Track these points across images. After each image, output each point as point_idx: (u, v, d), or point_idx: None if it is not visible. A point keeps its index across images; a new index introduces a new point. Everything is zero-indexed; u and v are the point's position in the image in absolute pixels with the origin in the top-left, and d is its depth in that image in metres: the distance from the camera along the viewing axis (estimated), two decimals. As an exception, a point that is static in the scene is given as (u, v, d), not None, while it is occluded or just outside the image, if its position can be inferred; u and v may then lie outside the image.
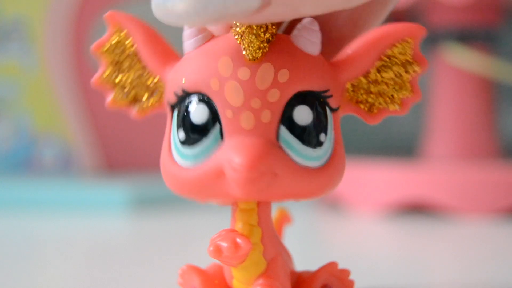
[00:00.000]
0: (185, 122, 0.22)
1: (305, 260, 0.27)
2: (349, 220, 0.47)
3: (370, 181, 0.48)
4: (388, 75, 0.23)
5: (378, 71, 0.23)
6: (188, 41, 0.23)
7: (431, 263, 0.36)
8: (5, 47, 0.57)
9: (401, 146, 0.62)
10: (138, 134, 0.61)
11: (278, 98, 0.22)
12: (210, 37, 0.23)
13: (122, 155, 0.61)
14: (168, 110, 0.23)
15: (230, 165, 0.21)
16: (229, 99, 0.22)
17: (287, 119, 0.22)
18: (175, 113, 0.23)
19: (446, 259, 0.37)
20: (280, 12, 0.20)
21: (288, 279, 0.24)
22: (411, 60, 0.23)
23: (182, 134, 0.22)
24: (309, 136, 0.22)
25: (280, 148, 0.22)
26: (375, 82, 0.23)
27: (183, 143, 0.22)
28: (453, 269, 0.34)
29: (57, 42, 0.58)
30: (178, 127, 0.22)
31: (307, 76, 0.22)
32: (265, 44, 0.22)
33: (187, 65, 0.23)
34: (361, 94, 0.23)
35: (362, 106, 0.23)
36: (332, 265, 0.24)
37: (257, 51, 0.22)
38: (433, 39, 0.51)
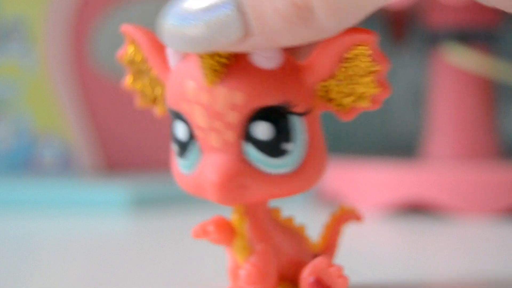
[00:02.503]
0: (174, 137, 0.24)
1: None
2: (349, 220, 0.47)
3: (370, 181, 0.48)
4: (353, 74, 0.24)
5: (343, 72, 0.24)
6: (170, 57, 0.24)
7: (431, 263, 0.36)
8: (5, 47, 0.57)
9: (401, 146, 0.62)
10: (138, 134, 0.61)
11: (236, 118, 0.23)
12: (185, 55, 0.24)
13: (122, 155, 0.61)
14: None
15: (206, 181, 0.23)
16: (197, 120, 0.23)
17: (249, 137, 0.23)
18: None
19: (446, 259, 0.37)
20: (261, 42, 0.22)
21: (275, 266, 0.25)
22: (370, 61, 0.24)
23: (175, 147, 0.25)
24: (272, 148, 0.23)
25: (247, 162, 0.23)
26: (343, 81, 0.24)
27: (177, 154, 0.25)
28: (453, 269, 0.34)
29: (57, 42, 0.58)
30: (171, 139, 0.25)
31: (263, 94, 0.23)
32: (221, 68, 0.23)
33: (168, 83, 0.25)
34: (332, 93, 0.24)
35: (333, 104, 0.25)
36: (322, 260, 0.26)
37: (214, 76, 0.23)
38: (433, 39, 0.51)
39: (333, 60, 0.24)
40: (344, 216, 0.29)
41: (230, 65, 0.23)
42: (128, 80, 0.27)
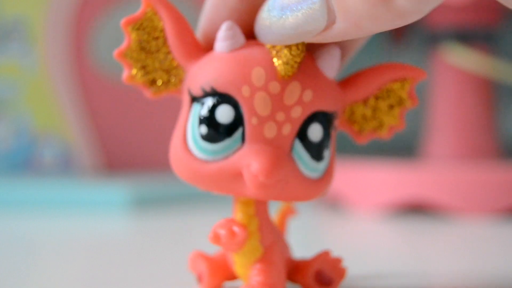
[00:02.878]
0: (209, 118, 0.24)
1: (302, 257, 0.27)
2: (349, 220, 0.47)
3: (370, 181, 0.48)
4: (384, 104, 0.26)
5: (376, 98, 0.26)
6: (224, 43, 0.24)
7: (431, 262, 0.36)
8: (5, 47, 0.57)
9: (401, 146, 0.62)
10: (138, 134, 0.61)
11: (299, 114, 0.24)
12: (244, 43, 0.24)
13: (122, 155, 0.61)
14: (187, 99, 0.25)
15: (249, 169, 0.23)
16: (257, 108, 0.23)
17: (302, 134, 0.24)
18: (197, 106, 0.24)
19: (446, 259, 0.37)
20: (345, 29, 0.22)
21: (284, 265, 0.26)
22: (405, 97, 0.26)
23: (204, 129, 0.24)
24: (317, 151, 0.24)
25: (292, 159, 0.24)
26: (371, 108, 0.26)
27: (204, 138, 0.24)
28: (453, 268, 0.34)
29: (57, 42, 0.58)
30: (201, 121, 0.24)
31: (325, 98, 0.24)
32: (298, 64, 0.24)
33: (220, 65, 0.24)
34: (357, 116, 0.26)
35: (355, 126, 0.26)
36: (325, 254, 0.27)
37: (290, 69, 0.23)
38: (433, 39, 0.51)
39: (376, 85, 0.25)
40: (288, 210, 0.30)
41: (301, 63, 0.24)
42: (127, 48, 0.25)
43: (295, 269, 0.27)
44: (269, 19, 0.23)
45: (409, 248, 0.40)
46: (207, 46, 0.25)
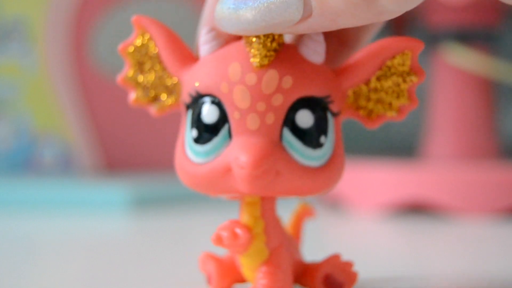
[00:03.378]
0: (198, 121, 0.24)
1: (306, 259, 0.27)
2: (349, 220, 0.47)
3: (370, 181, 0.48)
4: (387, 84, 0.25)
5: (378, 79, 0.25)
6: (205, 46, 0.25)
7: (431, 263, 0.36)
8: (5, 47, 0.57)
9: (401, 146, 0.62)
10: (138, 134, 0.61)
11: (281, 102, 0.23)
12: (224, 43, 0.25)
13: (122, 155, 0.61)
14: (183, 109, 0.25)
15: (236, 163, 0.23)
16: (236, 102, 0.23)
17: (290, 122, 0.24)
18: (189, 112, 0.25)
19: (446, 259, 0.37)
20: (320, 23, 0.22)
21: (290, 267, 0.25)
22: (409, 71, 0.25)
23: (195, 132, 0.24)
24: (310, 137, 0.24)
25: (283, 148, 0.23)
26: (375, 90, 0.25)
27: (195, 140, 0.24)
28: (453, 268, 0.34)
29: (57, 42, 0.58)
30: (192, 125, 0.24)
31: (310, 83, 0.24)
32: (271, 53, 0.24)
33: (202, 69, 0.24)
34: (362, 101, 0.25)
35: (361, 111, 0.25)
36: (335, 257, 0.26)
37: (264, 58, 0.23)
38: (433, 39, 0.51)
39: (374, 66, 0.25)
40: (304, 211, 0.30)
41: (279, 51, 0.24)
42: (128, 74, 0.26)
43: (304, 273, 0.26)
44: (224, 9, 0.23)
45: (409, 248, 0.40)
46: None
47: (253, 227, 0.24)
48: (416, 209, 0.48)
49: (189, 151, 0.24)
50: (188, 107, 0.25)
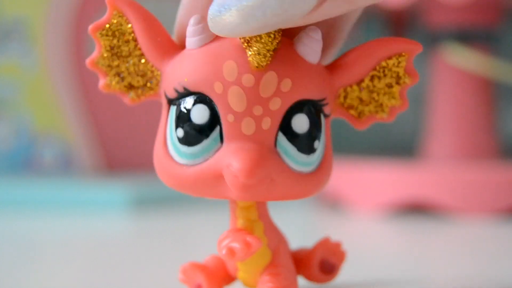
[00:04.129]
0: (185, 121, 0.22)
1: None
2: (349, 220, 0.47)
3: (370, 181, 0.48)
4: (380, 84, 0.24)
5: (371, 79, 0.24)
6: (193, 39, 0.23)
7: (431, 262, 0.36)
8: (5, 47, 0.57)
9: (401, 146, 0.62)
10: (138, 134, 0.61)
11: (279, 106, 0.22)
12: (214, 37, 0.23)
13: (122, 155, 0.61)
14: (164, 102, 0.23)
15: (229, 170, 0.22)
16: (231, 104, 0.22)
17: (285, 127, 0.22)
18: (173, 108, 0.23)
19: (446, 259, 0.37)
20: (337, 7, 0.20)
21: (292, 263, 0.25)
22: (403, 73, 0.24)
23: (180, 132, 0.23)
24: (304, 143, 0.23)
25: (277, 154, 0.22)
26: (367, 90, 0.24)
27: (181, 141, 0.23)
28: (453, 268, 0.34)
29: (57, 42, 0.58)
30: (177, 124, 0.23)
31: (308, 86, 0.22)
32: (271, 53, 0.22)
33: (190, 63, 0.23)
34: (353, 100, 0.24)
35: (352, 111, 0.24)
36: (326, 241, 0.26)
37: (263, 59, 0.22)
38: (433, 39, 0.51)
39: (369, 65, 0.23)
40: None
41: (277, 51, 0.22)
42: (99, 56, 0.24)
43: (297, 261, 0.26)
44: (232, 10, 0.20)
45: (409, 248, 0.40)
46: (184, 45, 0.23)
47: (252, 231, 0.23)
48: (416, 209, 0.48)
49: (172, 150, 0.23)
50: (171, 102, 0.23)
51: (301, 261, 0.26)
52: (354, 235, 0.43)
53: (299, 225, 0.32)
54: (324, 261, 0.26)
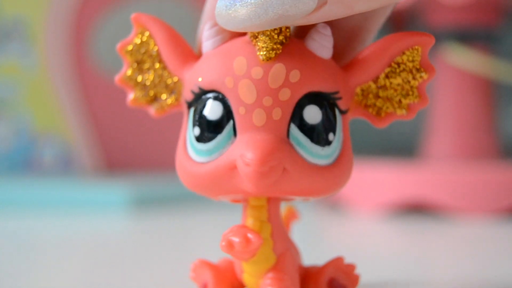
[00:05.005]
0: (200, 118, 0.23)
1: (306, 259, 0.27)
2: (349, 220, 0.47)
3: (370, 181, 0.48)
4: (397, 81, 0.24)
5: (387, 76, 0.24)
6: (207, 42, 0.24)
7: (431, 262, 0.36)
8: (5, 47, 0.57)
9: (401, 146, 0.62)
10: (138, 134, 0.61)
11: (289, 97, 0.22)
12: (228, 38, 0.24)
13: (122, 155, 0.61)
14: (185, 108, 0.24)
15: (242, 160, 0.22)
16: (242, 97, 0.23)
17: (297, 118, 0.23)
18: (191, 110, 0.24)
19: (446, 259, 0.37)
20: (335, 10, 0.21)
21: (297, 272, 0.25)
22: (419, 67, 0.24)
23: (197, 130, 0.23)
24: (318, 134, 0.23)
25: (290, 144, 0.23)
26: (384, 87, 0.24)
27: (198, 139, 0.23)
28: (453, 268, 0.34)
29: (57, 42, 0.58)
30: (194, 123, 0.23)
31: (318, 78, 0.23)
32: (278, 46, 0.23)
33: (204, 64, 0.24)
34: (370, 99, 0.24)
35: (370, 110, 0.24)
36: (338, 260, 0.26)
37: (271, 52, 0.23)
38: (433, 39, 0.51)
39: (383, 62, 0.24)
40: (291, 214, 0.29)
41: (286, 45, 0.23)
42: (126, 73, 0.25)
43: (306, 277, 0.25)
44: (236, 7, 0.22)
45: (409, 248, 0.40)
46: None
47: (259, 232, 0.23)
48: (416, 209, 0.48)
49: (191, 150, 0.24)
50: (190, 105, 0.24)
51: (310, 277, 0.25)
52: (354, 235, 0.43)
53: (300, 225, 0.32)
54: (333, 280, 0.26)
